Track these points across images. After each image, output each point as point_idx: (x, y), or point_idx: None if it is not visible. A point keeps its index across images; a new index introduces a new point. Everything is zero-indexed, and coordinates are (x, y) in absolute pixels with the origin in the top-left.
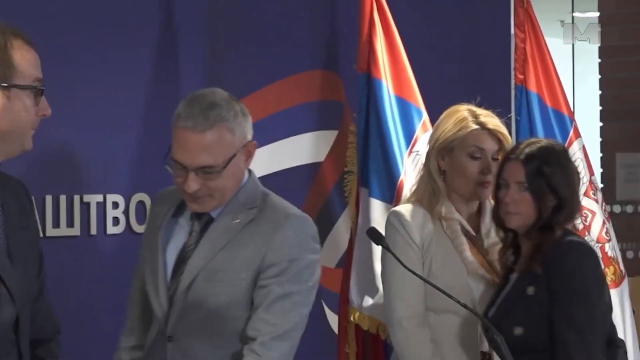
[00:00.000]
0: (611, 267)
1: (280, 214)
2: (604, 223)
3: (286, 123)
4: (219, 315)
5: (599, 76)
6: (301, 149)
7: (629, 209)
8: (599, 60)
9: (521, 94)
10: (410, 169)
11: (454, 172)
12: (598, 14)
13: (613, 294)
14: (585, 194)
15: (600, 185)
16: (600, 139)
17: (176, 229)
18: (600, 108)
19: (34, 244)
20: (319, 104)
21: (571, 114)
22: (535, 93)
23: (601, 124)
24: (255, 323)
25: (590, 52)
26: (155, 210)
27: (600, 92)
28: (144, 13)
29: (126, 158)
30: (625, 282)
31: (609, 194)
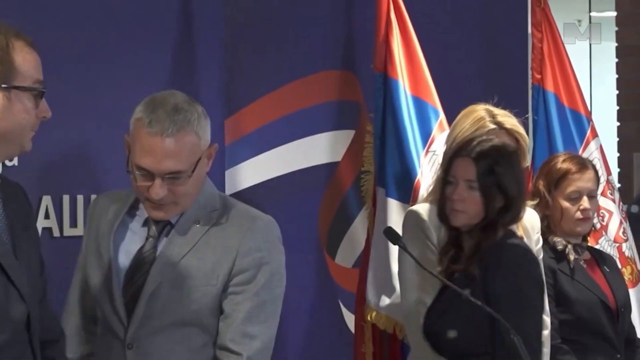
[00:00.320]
0: (628, 267)
1: (245, 216)
2: (621, 223)
3: (303, 123)
4: (187, 322)
5: (616, 76)
6: (318, 149)
7: None
8: (616, 59)
9: (538, 94)
10: (427, 168)
11: None
12: (615, 13)
13: (631, 293)
14: (603, 194)
15: (618, 184)
16: (617, 139)
17: (127, 234)
18: (618, 108)
19: (35, 246)
20: (336, 103)
21: (588, 113)
22: (552, 93)
23: (618, 123)
24: (236, 336)
25: (607, 52)
26: (97, 214)
27: (618, 92)
28: (161, 14)
29: None
30: None
31: (626, 194)
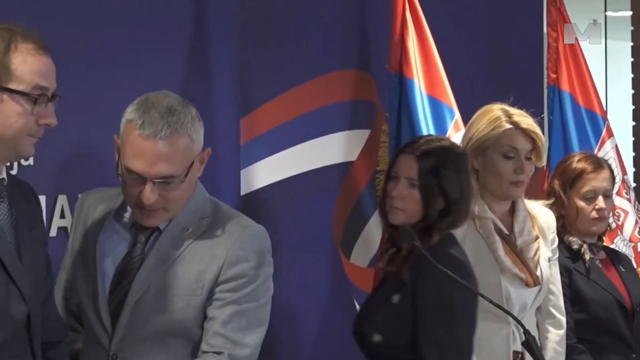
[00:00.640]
0: None
1: (236, 225)
2: (636, 222)
3: (318, 122)
4: (171, 332)
5: (632, 75)
6: (333, 149)
7: None
8: (632, 59)
9: (554, 93)
10: None
11: (487, 172)
12: (631, 13)
13: None
14: (618, 193)
15: (633, 184)
16: (632, 138)
17: (114, 237)
18: (633, 107)
19: (42, 246)
20: (351, 103)
21: (604, 113)
22: (567, 92)
23: (634, 123)
24: (213, 338)
25: (622, 51)
26: (85, 213)
27: (633, 92)
28: (176, 15)
29: None
30: None
31: None
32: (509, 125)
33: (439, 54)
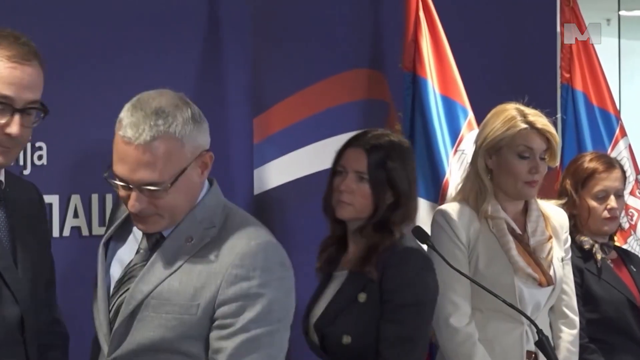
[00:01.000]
0: None
1: (241, 238)
2: None
3: (331, 122)
4: (163, 348)
5: None
6: None
7: None
8: None
9: (567, 93)
10: (455, 167)
11: (502, 171)
12: None
13: None
14: (631, 193)
15: None
16: None
17: (128, 240)
18: None
19: (44, 248)
20: (364, 102)
21: (617, 112)
22: (581, 92)
23: None
24: None
25: (636, 50)
26: (113, 216)
27: None
28: (189, 15)
29: None
30: None
31: None
32: (524, 125)
33: (453, 53)
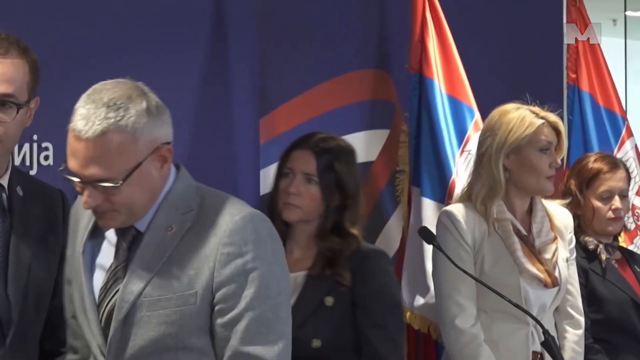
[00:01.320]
0: None
1: (224, 215)
2: None
3: (337, 122)
4: (167, 347)
5: None
6: None
7: None
8: None
9: (573, 93)
10: (462, 168)
11: (524, 169)
12: None
13: None
14: (638, 193)
15: None
16: None
17: (104, 244)
18: None
19: (54, 256)
20: (370, 103)
21: (623, 113)
22: (587, 92)
23: None
24: (234, 358)
25: None
26: (72, 222)
27: None
28: (195, 14)
29: (177, 157)
30: None
31: None
32: (541, 120)
33: (459, 54)
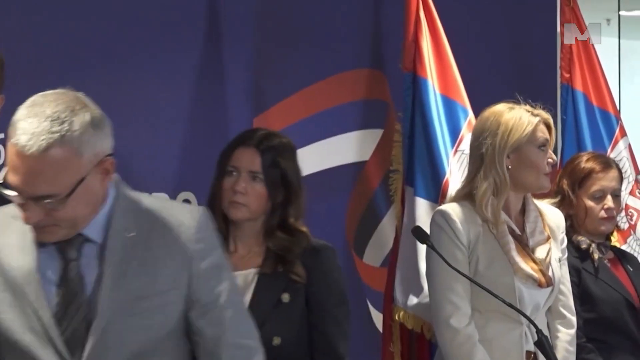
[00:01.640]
0: None
1: (182, 214)
2: None
3: (331, 122)
4: (149, 352)
5: None
6: (346, 148)
7: None
8: None
9: (567, 93)
10: (455, 167)
11: (524, 167)
12: None
13: None
14: (631, 193)
15: None
16: None
17: (42, 257)
18: None
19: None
20: (364, 102)
21: (617, 112)
22: (581, 92)
23: None
24: (232, 352)
25: (636, 51)
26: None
27: None
28: (190, 14)
29: (172, 157)
30: None
31: None
32: (537, 118)
33: (453, 53)
